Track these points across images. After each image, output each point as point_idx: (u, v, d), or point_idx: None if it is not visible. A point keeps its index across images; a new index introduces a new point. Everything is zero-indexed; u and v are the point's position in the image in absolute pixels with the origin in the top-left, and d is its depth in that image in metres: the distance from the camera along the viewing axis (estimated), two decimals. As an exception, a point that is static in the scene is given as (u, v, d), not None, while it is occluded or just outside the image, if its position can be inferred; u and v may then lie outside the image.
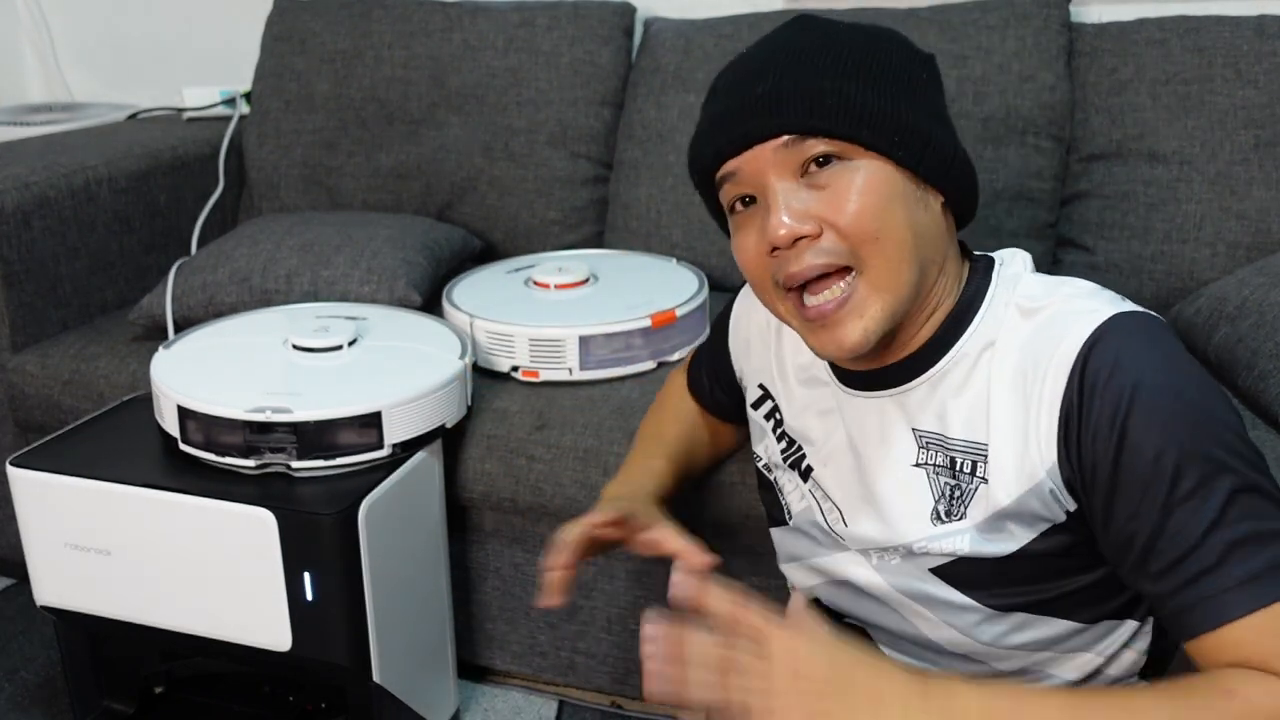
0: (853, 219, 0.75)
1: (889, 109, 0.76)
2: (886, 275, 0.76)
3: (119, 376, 1.52)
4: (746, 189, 0.79)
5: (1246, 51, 1.53)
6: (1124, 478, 0.70)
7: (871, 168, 0.76)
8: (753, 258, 0.80)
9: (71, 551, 1.22)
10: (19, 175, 1.62)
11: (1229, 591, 0.68)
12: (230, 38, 2.26)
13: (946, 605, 0.83)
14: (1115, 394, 0.70)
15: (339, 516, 1.14)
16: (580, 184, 1.86)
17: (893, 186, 0.76)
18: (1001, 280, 0.82)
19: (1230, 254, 1.51)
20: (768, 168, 0.77)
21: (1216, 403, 0.72)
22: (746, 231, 0.80)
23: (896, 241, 0.76)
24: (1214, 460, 0.69)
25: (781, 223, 0.75)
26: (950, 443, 0.81)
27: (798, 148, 0.76)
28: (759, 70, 0.78)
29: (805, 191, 0.76)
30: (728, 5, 1.92)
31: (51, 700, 1.50)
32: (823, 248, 0.76)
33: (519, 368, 1.43)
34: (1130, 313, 0.74)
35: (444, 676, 1.41)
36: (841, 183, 0.76)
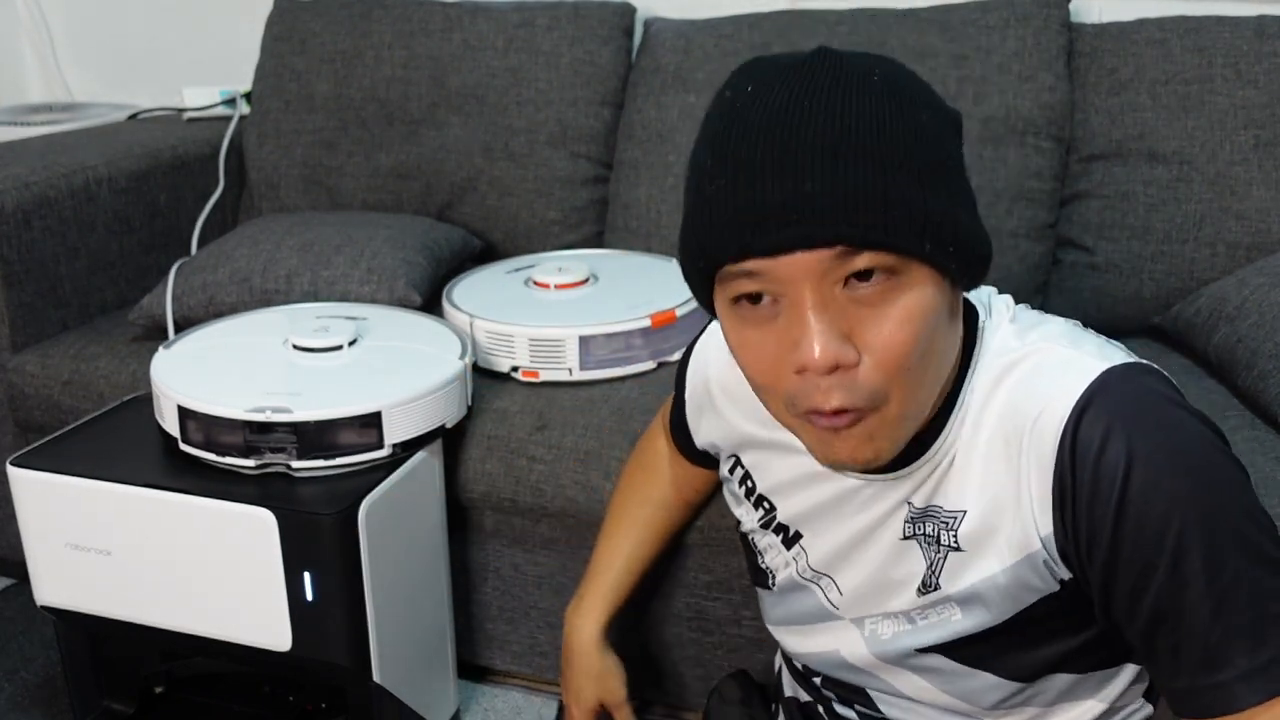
0: (896, 350, 0.65)
1: (945, 212, 0.64)
2: (911, 408, 0.69)
3: (119, 376, 1.52)
4: (769, 289, 0.66)
5: (1246, 51, 1.53)
6: (1124, 555, 0.66)
7: (921, 286, 0.65)
8: (769, 367, 0.68)
9: (72, 551, 1.22)
10: (19, 175, 1.62)
11: (1237, 682, 0.64)
12: (230, 38, 2.26)
13: (937, 671, 0.81)
14: (1110, 468, 0.65)
15: (339, 516, 1.14)
16: (580, 184, 1.86)
17: (937, 306, 0.66)
18: (983, 345, 0.75)
19: (1230, 254, 1.51)
20: (805, 277, 0.64)
21: (1219, 463, 0.67)
22: (760, 337, 0.68)
23: (926, 372, 0.68)
24: (1221, 532, 0.65)
25: (824, 348, 0.64)
26: (937, 513, 0.77)
27: (849, 259, 0.63)
28: (799, 150, 0.62)
29: (848, 306, 0.65)
30: (728, 5, 1.92)
31: (51, 700, 1.50)
32: (855, 385, 0.66)
33: (519, 368, 1.43)
34: (1119, 368, 0.69)
35: (444, 676, 1.41)
36: (888, 303, 0.65)
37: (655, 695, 1.47)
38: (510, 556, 1.45)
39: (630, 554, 1.15)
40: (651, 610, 1.41)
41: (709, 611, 1.38)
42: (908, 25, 1.66)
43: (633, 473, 1.17)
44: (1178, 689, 0.68)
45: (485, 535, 1.45)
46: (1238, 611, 0.64)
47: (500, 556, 1.46)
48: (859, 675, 0.88)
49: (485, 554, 1.46)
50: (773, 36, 1.74)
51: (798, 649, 0.93)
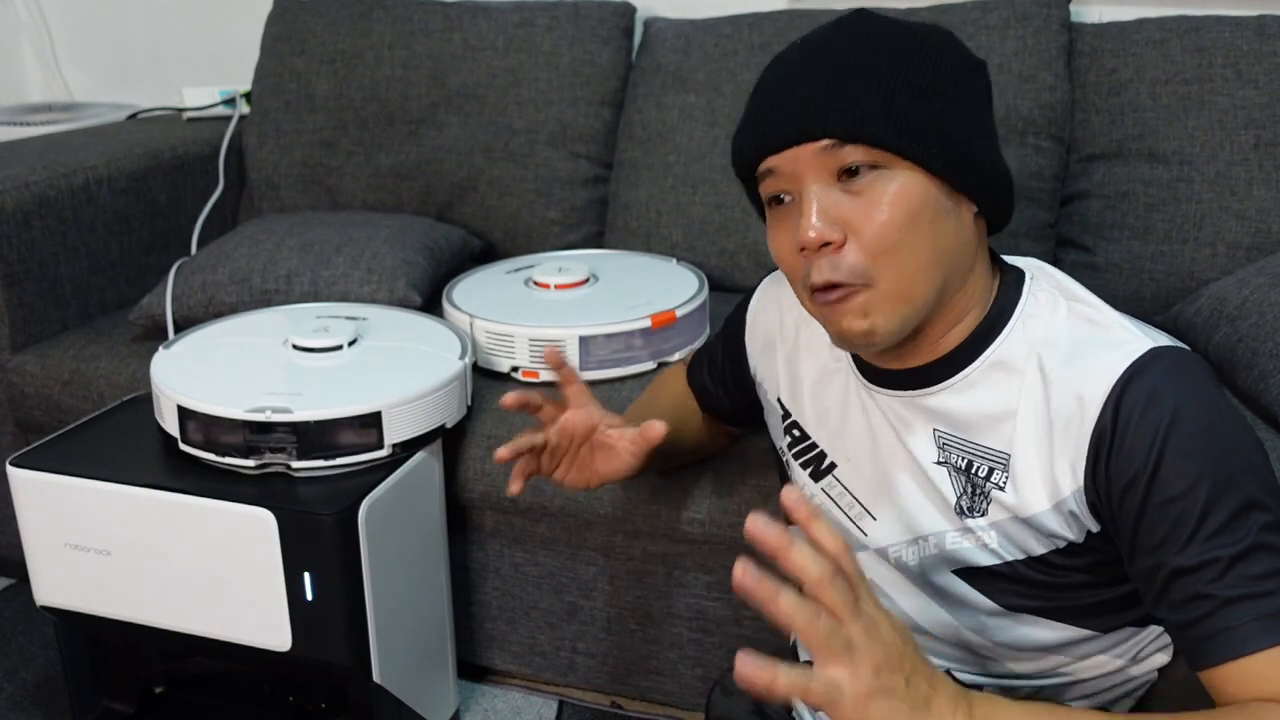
0: (878, 229, 0.75)
1: (930, 121, 0.76)
2: (899, 287, 0.77)
3: (119, 376, 1.52)
4: (784, 187, 0.79)
5: (1246, 51, 1.53)
6: (1154, 507, 0.71)
7: (906, 178, 0.76)
8: (786, 254, 0.81)
9: (71, 551, 1.22)
10: (19, 175, 1.62)
11: (1248, 624, 0.68)
12: (230, 38, 2.26)
13: (960, 603, 0.84)
14: (1152, 425, 0.71)
15: (339, 516, 1.14)
16: (580, 184, 1.86)
17: (924, 198, 0.76)
18: (1033, 296, 0.82)
19: (1230, 254, 1.51)
20: (806, 169, 0.77)
21: (1249, 441, 0.73)
22: (781, 228, 0.81)
23: (913, 255, 0.76)
24: (1245, 496, 0.70)
25: (811, 225, 0.76)
26: (970, 446, 0.81)
27: (836, 153, 0.76)
28: (806, 70, 0.78)
29: (839, 196, 0.77)
30: (728, 5, 1.92)
31: (51, 700, 1.50)
32: (840, 262, 0.76)
33: (519, 368, 1.42)
34: (1167, 347, 0.75)
35: (444, 676, 1.41)
36: (875, 191, 0.76)
37: (656, 695, 1.47)
38: (510, 556, 1.45)
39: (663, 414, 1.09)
40: (652, 610, 1.41)
41: (709, 612, 1.38)
42: (908, 25, 1.66)
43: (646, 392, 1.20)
44: (1194, 638, 0.71)
45: (485, 535, 1.45)
46: (1254, 565, 0.69)
47: (500, 556, 1.46)
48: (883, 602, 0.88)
49: (485, 554, 1.46)
50: (772, 36, 1.74)
51: None
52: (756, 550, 0.61)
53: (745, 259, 1.72)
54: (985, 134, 0.81)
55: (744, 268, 1.72)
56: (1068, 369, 0.76)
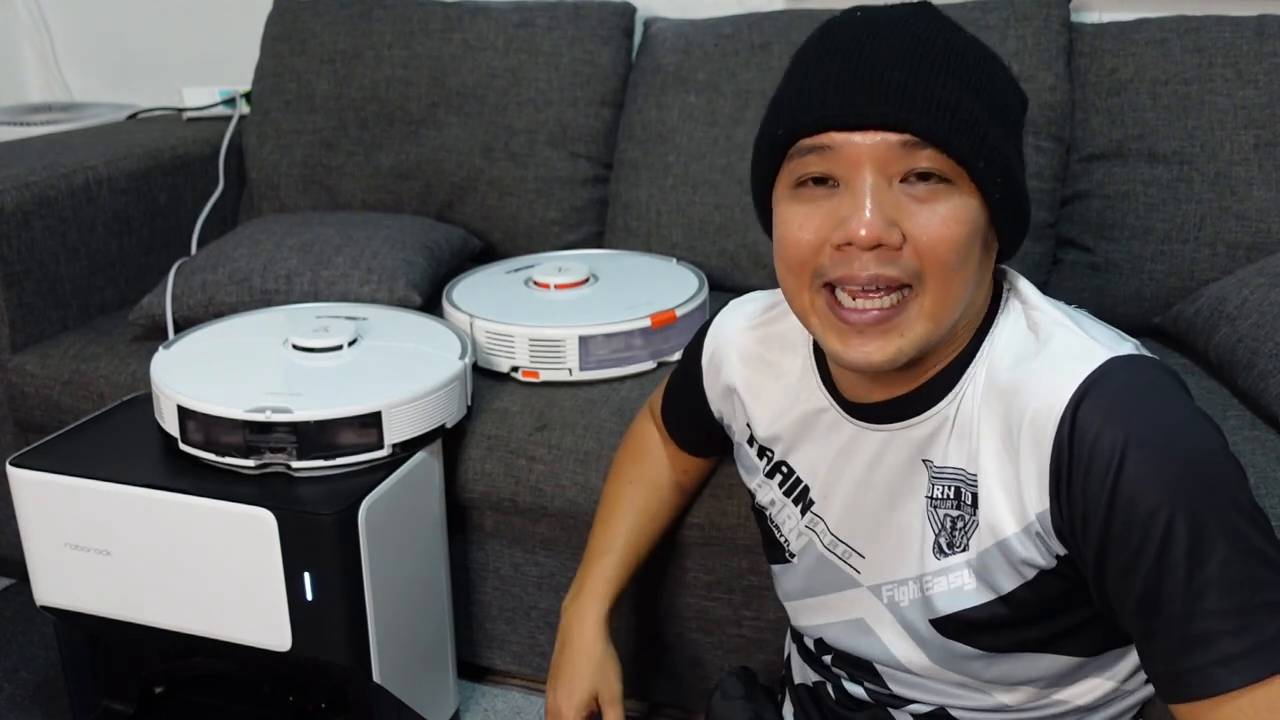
0: (939, 244, 0.71)
1: (1004, 145, 0.72)
2: (941, 306, 0.73)
3: (119, 376, 1.52)
4: (833, 170, 0.72)
5: (1246, 51, 1.53)
6: (1115, 535, 0.67)
7: (968, 202, 0.72)
8: (810, 241, 0.73)
9: (71, 551, 1.22)
10: (19, 175, 1.62)
11: (1222, 664, 0.65)
12: (230, 38, 2.26)
13: (943, 649, 0.82)
14: (1107, 449, 0.67)
15: (339, 516, 1.14)
16: (580, 184, 1.86)
17: (978, 224, 0.73)
18: (1005, 313, 0.79)
19: (1230, 254, 1.51)
20: (870, 158, 0.70)
21: (1214, 457, 0.68)
22: (809, 212, 0.73)
23: (963, 278, 0.73)
24: (1209, 521, 0.66)
25: (871, 222, 0.69)
26: (955, 474, 0.78)
27: (913, 153, 0.70)
28: (896, 50, 0.70)
29: (901, 198, 0.71)
30: (728, 5, 1.92)
31: (51, 700, 1.50)
32: (895, 262, 0.71)
33: (519, 368, 1.42)
34: (1125, 358, 0.71)
35: (444, 676, 1.41)
36: (939, 203, 0.71)
37: (656, 696, 1.47)
38: (510, 556, 1.45)
39: (628, 538, 1.11)
40: (652, 611, 1.41)
41: (709, 612, 1.38)
42: (908, 25, 1.66)
43: (622, 460, 1.17)
44: (1162, 672, 0.68)
45: (485, 535, 1.45)
46: (1221, 600, 0.65)
47: (500, 556, 1.46)
48: (872, 643, 0.87)
49: (485, 554, 1.46)
50: (772, 36, 1.74)
51: (814, 621, 0.92)
52: None
53: (745, 259, 1.72)
54: (1024, 172, 0.77)
55: (744, 268, 1.72)
56: (1023, 380, 0.73)
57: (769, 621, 1.34)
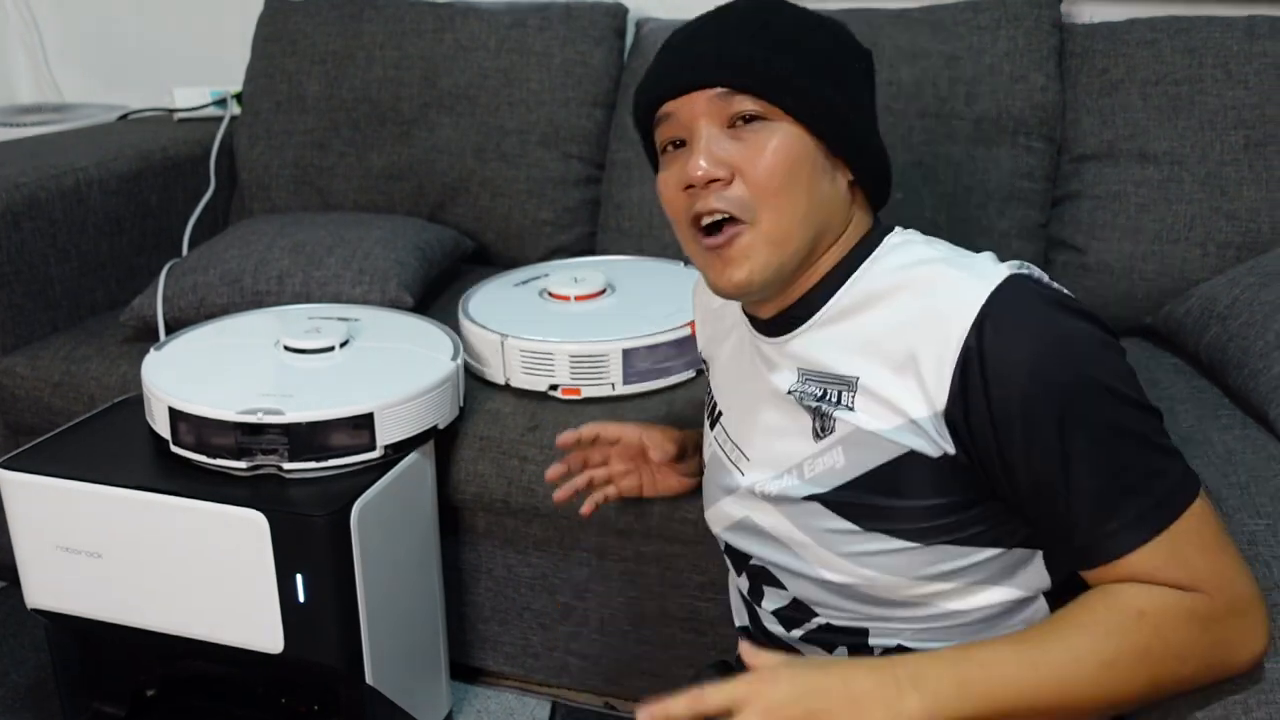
0: (762, 171, 0.83)
1: (811, 84, 0.84)
2: (776, 230, 0.84)
3: (110, 378, 1.52)
4: (679, 132, 0.87)
5: (1237, 52, 1.53)
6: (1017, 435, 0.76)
7: (788, 132, 0.83)
8: (672, 193, 0.87)
9: (62, 554, 1.22)
10: (9, 176, 1.61)
11: (1121, 532, 0.75)
12: (221, 38, 2.25)
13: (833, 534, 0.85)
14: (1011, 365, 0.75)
15: (331, 518, 1.14)
16: (572, 185, 1.86)
17: (803, 152, 0.84)
18: (890, 243, 0.88)
19: (1221, 254, 1.52)
20: (700, 114, 0.85)
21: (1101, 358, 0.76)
22: (670, 170, 0.88)
23: (793, 200, 0.83)
24: (1100, 417, 0.75)
25: (699, 164, 0.83)
26: (827, 377, 0.86)
27: (728, 101, 0.84)
28: (708, 33, 0.87)
29: (728, 141, 0.84)
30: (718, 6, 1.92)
31: (42, 704, 1.50)
32: (727, 195, 0.83)
33: (558, 386, 1.38)
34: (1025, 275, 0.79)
35: (437, 678, 1.41)
36: (760, 139, 0.83)
37: (649, 696, 1.47)
38: (502, 557, 1.45)
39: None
40: (645, 611, 1.41)
41: (702, 612, 1.38)
42: (899, 26, 1.66)
43: None
44: (1069, 547, 0.77)
45: (477, 536, 1.45)
46: (1116, 476, 0.75)
47: (492, 557, 1.46)
48: (767, 547, 0.93)
49: (477, 555, 1.46)
50: (765, 37, 1.74)
51: (718, 527, 1.00)
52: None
53: (737, 259, 1.72)
54: (861, 110, 0.88)
55: (736, 268, 1.72)
56: (922, 295, 0.81)
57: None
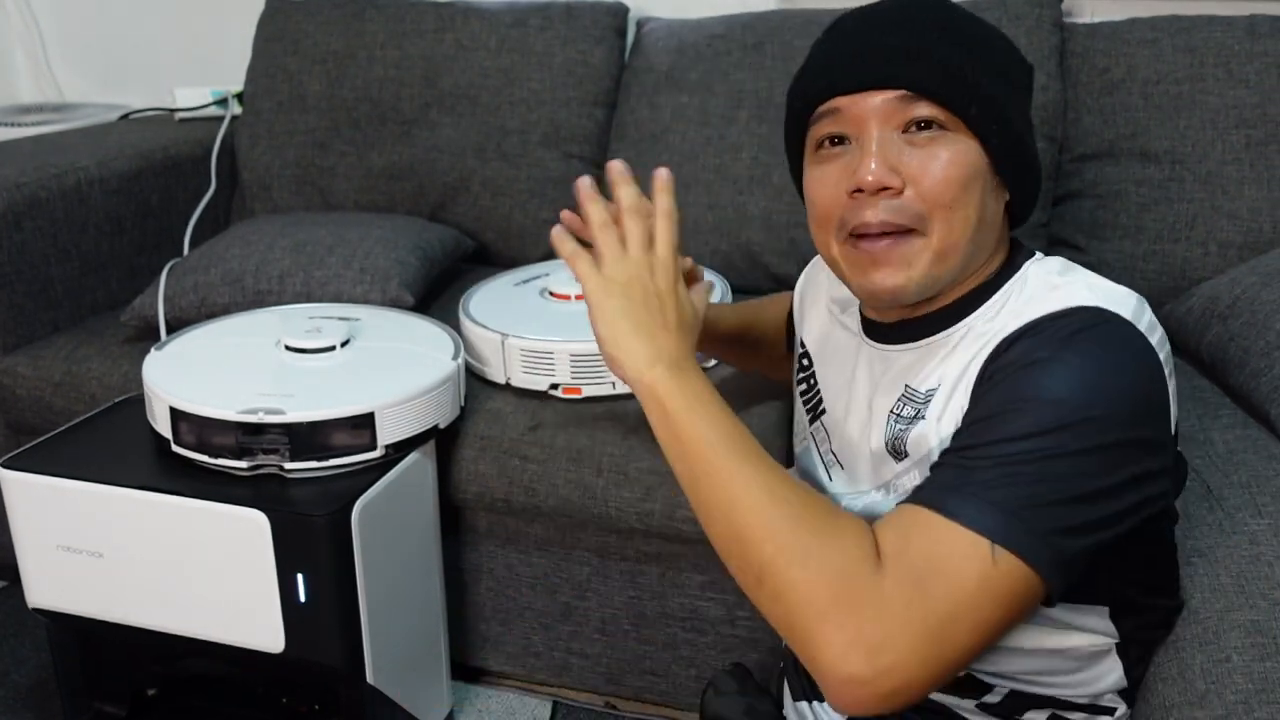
0: (938, 183, 0.79)
1: (999, 97, 0.80)
2: (945, 244, 0.80)
3: (111, 378, 1.52)
4: (845, 129, 0.82)
5: (1238, 51, 1.53)
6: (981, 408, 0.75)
7: (967, 145, 0.79)
8: (830, 194, 0.83)
9: (63, 553, 1.22)
10: (10, 176, 1.61)
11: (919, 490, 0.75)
12: (222, 38, 2.25)
13: None
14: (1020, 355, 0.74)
15: (332, 518, 1.14)
16: (573, 184, 1.85)
17: (978, 168, 0.80)
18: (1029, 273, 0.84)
19: (1222, 253, 1.52)
20: (874, 114, 0.80)
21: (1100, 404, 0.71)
22: (829, 168, 0.83)
23: (965, 216, 0.79)
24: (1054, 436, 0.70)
25: (871, 168, 0.79)
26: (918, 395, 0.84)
27: (909, 105, 0.79)
28: (892, 23, 0.81)
29: (902, 147, 0.80)
30: (720, 5, 1.92)
31: (43, 703, 1.50)
32: (899, 205, 0.79)
33: (559, 385, 1.38)
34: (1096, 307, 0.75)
35: (438, 678, 1.41)
36: (938, 148, 0.79)
37: (650, 695, 1.47)
38: (504, 557, 1.45)
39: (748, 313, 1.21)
40: (646, 610, 1.41)
41: (703, 612, 1.38)
42: (900, 25, 1.66)
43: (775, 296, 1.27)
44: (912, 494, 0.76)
45: (479, 536, 1.45)
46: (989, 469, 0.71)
47: (493, 557, 1.46)
48: None
49: (479, 555, 1.46)
50: (765, 36, 1.74)
51: None
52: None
53: (739, 259, 1.72)
54: (1030, 130, 0.85)
55: (738, 268, 1.72)
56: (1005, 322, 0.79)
57: (762, 620, 1.34)
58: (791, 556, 0.71)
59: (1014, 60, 0.84)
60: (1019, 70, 0.84)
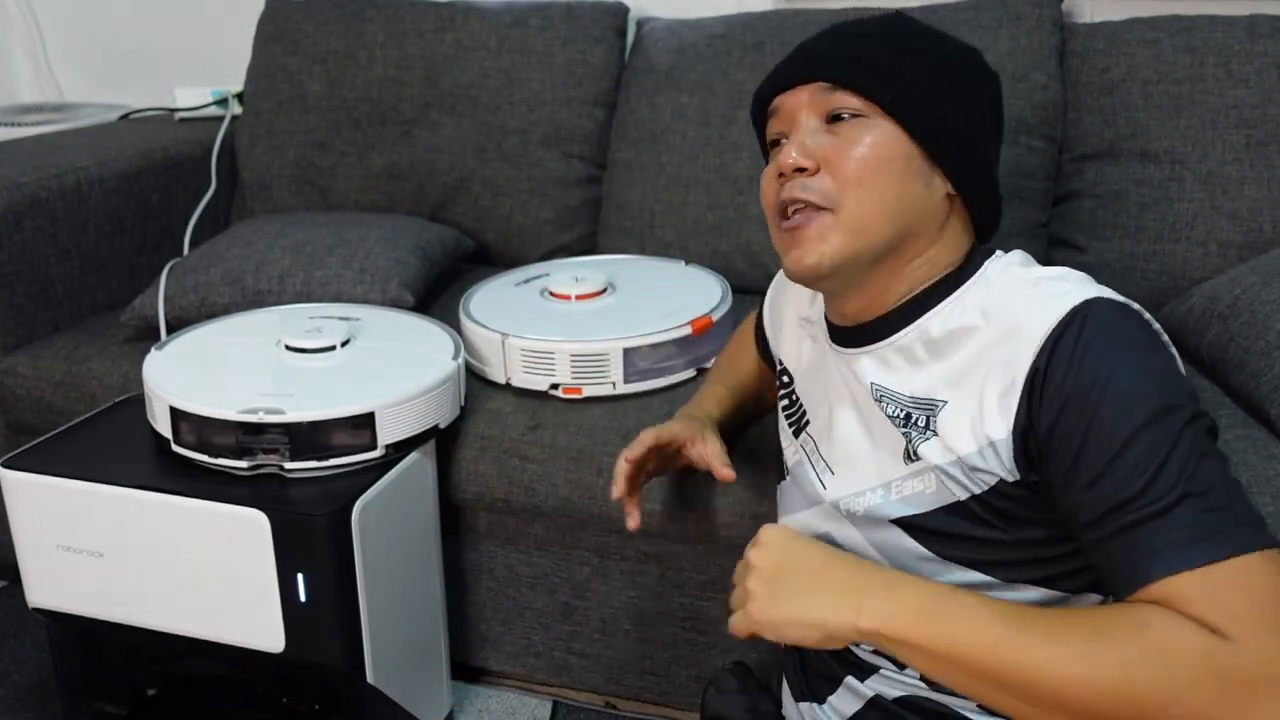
0: (848, 163, 0.83)
1: (917, 86, 0.84)
2: (856, 219, 0.84)
3: (111, 378, 1.52)
4: (783, 126, 0.89)
5: (1238, 51, 1.53)
6: (1088, 447, 0.73)
7: (887, 131, 0.84)
8: (769, 184, 0.89)
9: (63, 553, 1.22)
10: (10, 176, 1.61)
11: (1156, 554, 0.70)
12: (222, 38, 2.25)
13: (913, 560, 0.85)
14: (1089, 375, 0.73)
15: (332, 517, 1.14)
16: (573, 184, 1.86)
17: (898, 151, 0.84)
18: (991, 269, 0.87)
19: (1222, 253, 1.52)
20: (801, 107, 0.87)
21: (1184, 384, 0.75)
22: (771, 165, 0.89)
23: (878, 195, 0.83)
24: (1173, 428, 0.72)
25: (790, 153, 0.85)
26: (904, 399, 0.85)
27: (828, 96, 0.85)
28: (828, 35, 0.89)
29: (823, 135, 0.85)
30: (720, 5, 1.92)
31: (43, 703, 1.50)
32: (810, 184, 0.85)
33: (559, 385, 1.38)
34: (1109, 298, 0.77)
35: (438, 677, 1.41)
36: (853, 133, 0.84)
37: (650, 695, 1.47)
38: (504, 557, 1.45)
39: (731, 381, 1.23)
40: (646, 610, 1.41)
41: (703, 612, 1.38)
42: (900, 25, 1.66)
43: (735, 335, 1.30)
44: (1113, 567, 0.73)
45: (479, 536, 1.45)
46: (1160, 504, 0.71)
47: (494, 557, 1.46)
48: None
49: (479, 555, 1.46)
50: (765, 36, 1.74)
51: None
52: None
53: (739, 259, 1.72)
54: (976, 130, 0.87)
55: (738, 268, 1.72)
56: (1006, 315, 0.80)
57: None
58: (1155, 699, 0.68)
59: (962, 64, 0.88)
60: (970, 74, 0.88)
